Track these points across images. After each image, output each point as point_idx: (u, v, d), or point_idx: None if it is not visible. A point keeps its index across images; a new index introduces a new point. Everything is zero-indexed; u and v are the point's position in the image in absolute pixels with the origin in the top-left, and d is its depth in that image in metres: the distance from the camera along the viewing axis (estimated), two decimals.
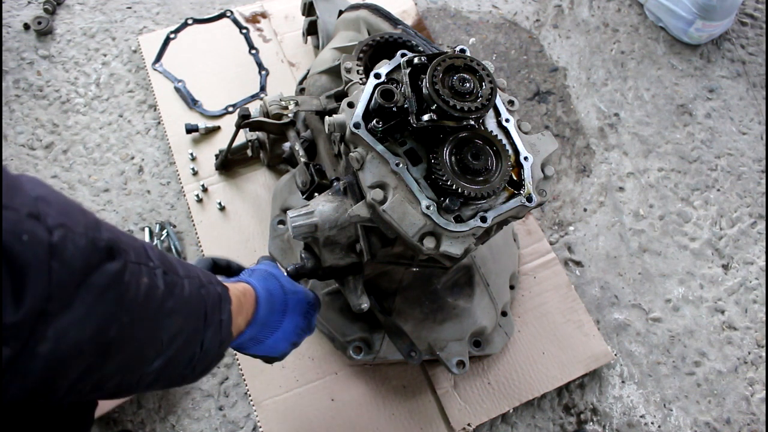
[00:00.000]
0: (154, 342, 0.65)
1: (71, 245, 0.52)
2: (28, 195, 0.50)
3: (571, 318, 1.49)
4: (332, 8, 1.58)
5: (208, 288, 0.76)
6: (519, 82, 1.92)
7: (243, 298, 0.89)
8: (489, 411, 1.36)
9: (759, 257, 1.69)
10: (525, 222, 1.60)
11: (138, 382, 0.67)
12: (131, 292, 0.59)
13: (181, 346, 0.69)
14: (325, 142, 1.32)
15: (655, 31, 2.06)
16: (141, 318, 0.62)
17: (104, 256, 0.56)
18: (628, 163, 1.80)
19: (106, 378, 0.61)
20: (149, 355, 0.66)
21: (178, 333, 0.68)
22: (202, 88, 1.72)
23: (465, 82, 0.95)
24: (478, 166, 0.94)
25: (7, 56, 1.79)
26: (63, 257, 0.51)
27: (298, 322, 1.01)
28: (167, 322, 0.66)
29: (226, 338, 0.81)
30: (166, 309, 0.66)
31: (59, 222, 0.51)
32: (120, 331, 0.58)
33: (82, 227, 0.54)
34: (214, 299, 0.78)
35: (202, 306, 0.74)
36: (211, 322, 0.76)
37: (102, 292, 0.55)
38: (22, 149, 1.66)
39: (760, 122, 1.92)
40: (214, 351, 0.78)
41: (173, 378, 0.75)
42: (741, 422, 1.48)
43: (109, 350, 0.58)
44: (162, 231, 1.54)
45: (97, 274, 0.55)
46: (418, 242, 0.94)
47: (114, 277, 0.56)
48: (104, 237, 0.57)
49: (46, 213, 0.51)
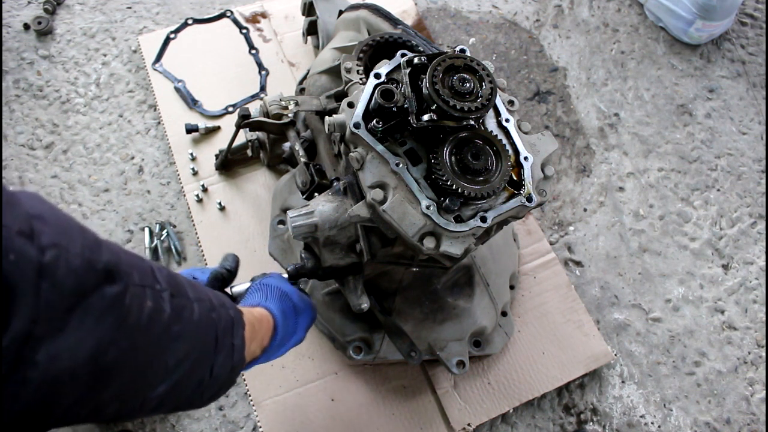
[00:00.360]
0: (158, 367, 0.63)
1: (64, 266, 0.50)
2: (23, 212, 0.49)
3: (571, 318, 1.49)
4: (332, 8, 1.58)
5: (219, 311, 0.74)
6: (519, 82, 1.92)
7: (258, 325, 0.87)
8: (489, 411, 1.36)
9: (759, 257, 1.69)
10: (525, 222, 1.60)
11: (141, 406, 0.64)
12: (132, 316, 0.57)
13: (189, 371, 0.67)
14: (325, 142, 1.32)
15: (655, 31, 2.06)
16: (143, 343, 0.59)
17: (102, 278, 0.54)
18: (628, 163, 1.80)
19: (104, 404, 0.59)
20: (152, 380, 0.63)
21: (185, 358, 0.65)
22: (202, 88, 1.72)
23: (465, 82, 0.95)
24: (478, 166, 0.94)
25: (7, 56, 1.79)
26: (54, 278, 0.49)
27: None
28: (173, 347, 0.64)
29: (238, 363, 0.78)
30: (173, 333, 0.63)
31: (53, 241, 0.49)
32: (118, 356, 0.56)
33: (78, 248, 0.52)
34: (226, 323, 0.75)
35: (213, 330, 0.71)
36: (222, 347, 0.73)
37: (99, 315, 0.53)
38: (22, 149, 1.66)
39: (760, 122, 1.92)
40: (225, 376, 0.75)
41: (179, 403, 0.72)
42: (741, 422, 1.48)
43: (107, 375, 0.56)
44: (162, 231, 1.54)
45: (95, 297, 0.53)
46: (418, 242, 0.94)
47: (112, 300, 0.54)
48: (103, 259, 0.55)
49: (41, 231, 0.49)
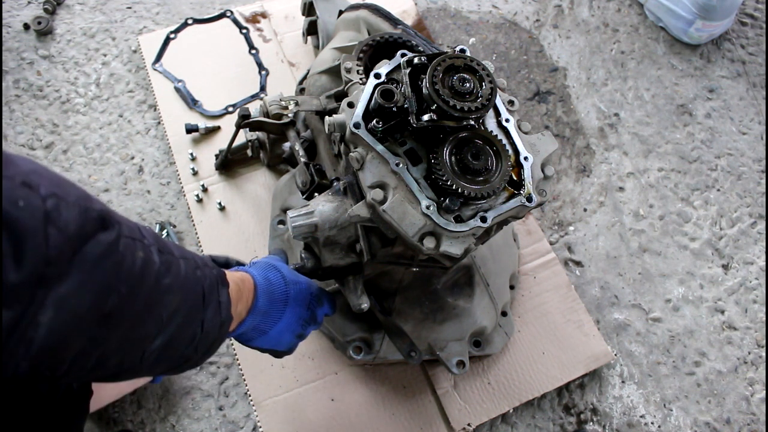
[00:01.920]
0: (154, 318, 0.66)
1: (65, 212, 0.53)
2: (20, 167, 0.52)
3: (571, 318, 1.49)
4: (332, 8, 1.58)
5: (203, 270, 0.77)
6: (519, 82, 1.92)
7: (241, 284, 0.89)
8: (489, 411, 1.36)
9: (759, 257, 1.69)
10: (525, 222, 1.60)
11: (141, 360, 0.67)
12: (127, 263, 0.60)
13: (182, 324, 0.69)
14: (325, 142, 1.32)
15: (655, 31, 2.06)
16: (139, 290, 0.62)
17: (98, 225, 0.57)
18: (628, 163, 1.80)
19: (108, 353, 0.61)
20: (150, 331, 0.66)
21: (177, 310, 0.68)
22: (202, 88, 1.72)
23: (465, 82, 0.95)
24: (478, 166, 0.94)
25: (7, 56, 1.79)
26: (58, 224, 0.52)
27: (300, 313, 1.01)
28: (166, 299, 0.67)
29: (226, 319, 0.81)
30: (164, 285, 0.66)
31: (51, 191, 0.52)
32: (119, 302, 0.58)
33: (73, 197, 0.55)
34: (212, 281, 0.78)
35: (200, 286, 0.74)
36: (210, 302, 0.76)
37: (98, 260, 0.56)
38: (22, 149, 1.66)
39: (760, 122, 1.92)
40: (215, 331, 0.78)
41: (176, 359, 0.75)
42: (741, 422, 1.48)
43: (110, 321, 0.59)
44: (162, 231, 1.54)
45: (92, 242, 0.55)
46: (418, 242, 0.94)
47: (108, 246, 0.57)
48: (96, 207, 0.58)
49: (39, 183, 0.52)
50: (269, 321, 0.95)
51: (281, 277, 0.99)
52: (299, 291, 1.01)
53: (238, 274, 0.91)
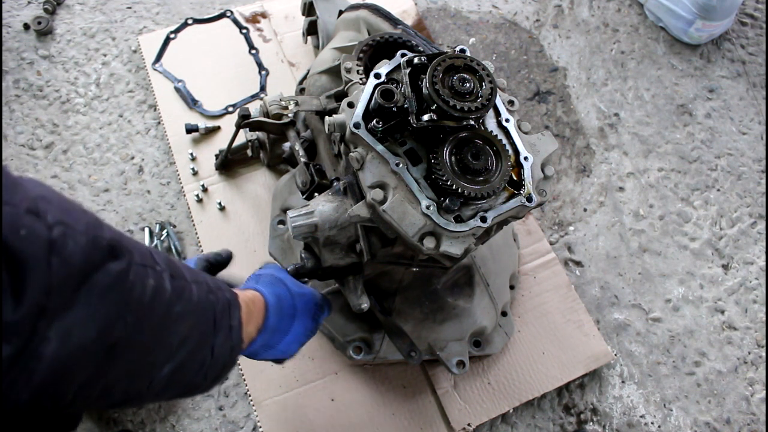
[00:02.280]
0: (163, 346, 0.64)
1: (71, 242, 0.51)
2: (28, 193, 0.50)
3: (571, 318, 1.49)
4: (332, 8, 1.58)
5: (216, 294, 0.75)
6: (519, 82, 1.92)
7: (252, 306, 0.88)
8: (489, 411, 1.36)
9: (759, 257, 1.69)
10: (525, 222, 1.60)
11: (148, 389, 0.65)
12: (136, 293, 0.58)
13: (191, 352, 0.68)
14: (325, 142, 1.32)
15: (655, 31, 2.06)
16: (148, 320, 0.61)
17: (106, 255, 0.55)
18: (628, 163, 1.80)
19: (113, 383, 0.60)
20: (158, 360, 0.64)
21: (187, 337, 0.67)
22: (202, 88, 1.72)
23: (465, 82, 0.95)
24: (478, 166, 0.94)
25: (7, 56, 1.79)
26: (63, 254, 0.50)
27: (307, 325, 1.02)
28: (176, 326, 0.65)
29: (237, 344, 0.80)
30: (175, 313, 0.64)
31: (59, 219, 0.51)
32: (126, 332, 0.57)
33: (83, 225, 0.54)
34: (223, 305, 0.77)
35: (211, 311, 0.73)
36: (221, 328, 0.74)
37: (105, 291, 0.54)
38: (22, 149, 1.66)
39: (760, 122, 1.92)
40: (225, 357, 0.77)
41: (184, 386, 0.73)
42: (741, 422, 1.48)
43: (116, 352, 0.57)
44: (162, 231, 1.54)
45: (101, 273, 0.54)
46: (418, 242, 0.94)
47: (117, 276, 0.56)
48: (106, 236, 0.56)
49: (46, 210, 0.50)
50: (278, 336, 0.95)
51: (288, 292, 0.99)
52: (305, 303, 1.02)
53: (249, 294, 0.90)
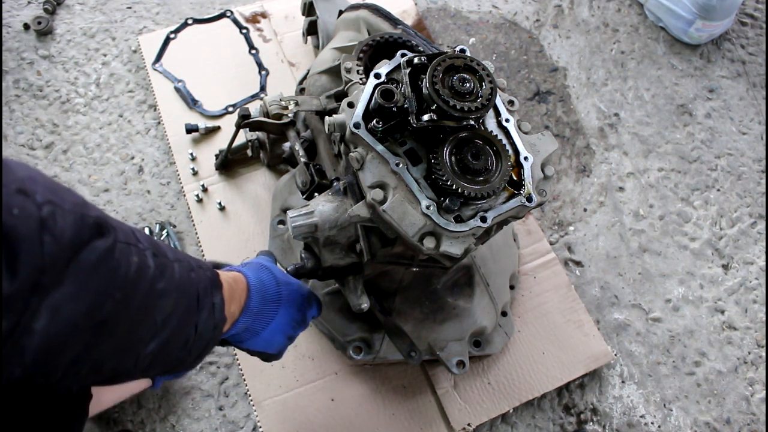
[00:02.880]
0: (149, 322, 0.66)
1: (61, 220, 0.53)
2: (16, 174, 0.51)
3: (571, 318, 1.49)
4: (332, 8, 1.58)
5: (198, 272, 0.77)
6: (519, 82, 1.92)
7: (234, 285, 0.89)
8: (489, 411, 1.36)
9: (759, 257, 1.69)
10: (525, 222, 1.60)
11: (135, 365, 0.67)
12: (122, 269, 0.60)
13: (176, 328, 0.70)
14: (325, 142, 1.32)
15: (655, 31, 2.06)
16: (134, 296, 0.62)
17: (93, 232, 0.57)
18: (628, 163, 1.80)
19: (103, 359, 0.61)
20: (144, 336, 0.66)
21: (171, 314, 0.68)
22: (202, 88, 1.72)
23: (465, 82, 0.95)
24: (478, 166, 0.94)
25: (7, 56, 1.79)
26: (53, 231, 0.51)
27: (293, 314, 1.01)
28: (160, 303, 0.67)
29: (220, 322, 0.82)
30: (158, 289, 0.66)
31: (47, 198, 0.52)
32: (114, 308, 0.59)
33: (70, 204, 0.55)
34: (205, 283, 0.78)
35: (194, 288, 0.74)
36: (204, 305, 0.76)
37: (93, 267, 0.56)
38: (22, 149, 1.66)
39: (760, 122, 1.92)
40: (209, 334, 0.79)
41: (170, 362, 0.75)
42: (741, 422, 1.48)
43: (104, 328, 0.59)
44: (162, 231, 1.54)
45: (88, 249, 0.55)
46: (418, 242, 0.94)
47: (104, 253, 0.57)
48: (92, 214, 0.58)
49: (34, 190, 0.52)
50: (262, 321, 0.95)
51: (273, 278, 1.00)
52: (291, 292, 1.02)
53: (231, 274, 0.91)
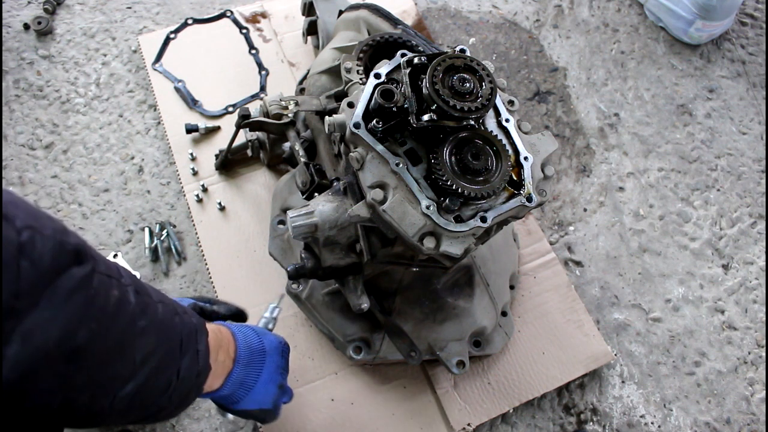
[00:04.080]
0: (127, 360, 0.64)
1: (40, 245, 0.52)
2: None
3: (571, 318, 1.49)
4: (332, 8, 1.58)
5: (182, 317, 0.75)
6: (519, 82, 1.92)
7: (219, 335, 0.89)
8: (489, 411, 1.36)
9: (759, 257, 1.69)
10: (525, 222, 1.60)
11: (111, 406, 0.64)
12: (100, 300, 0.59)
13: (155, 370, 0.67)
14: (325, 142, 1.32)
15: (655, 31, 2.06)
16: (111, 329, 0.60)
17: (72, 259, 0.56)
18: (628, 163, 1.80)
19: (76, 394, 0.59)
20: (121, 373, 0.64)
21: (151, 353, 0.66)
22: (202, 88, 1.72)
23: (465, 82, 0.95)
24: (478, 166, 0.94)
25: (7, 56, 1.79)
26: (31, 256, 0.51)
27: (278, 361, 1.03)
28: (140, 341, 0.65)
29: (204, 369, 0.80)
30: (138, 327, 0.64)
31: (27, 224, 0.52)
32: (89, 338, 0.57)
33: (50, 230, 0.54)
34: (190, 328, 0.76)
35: (177, 332, 0.72)
36: (187, 350, 0.74)
37: (69, 294, 0.55)
38: (22, 149, 1.66)
39: (760, 122, 1.92)
40: (191, 381, 0.76)
41: (149, 407, 0.72)
42: (741, 422, 1.48)
43: (78, 358, 0.57)
44: (162, 231, 1.54)
45: (65, 276, 0.55)
46: (418, 242, 0.94)
47: (81, 281, 0.56)
48: (72, 242, 0.57)
49: (15, 215, 0.51)
50: (253, 372, 0.95)
51: (251, 329, 1.01)
52: (270, 341, 1.03)
53: (214, 326, 0.91)
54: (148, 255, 1.51)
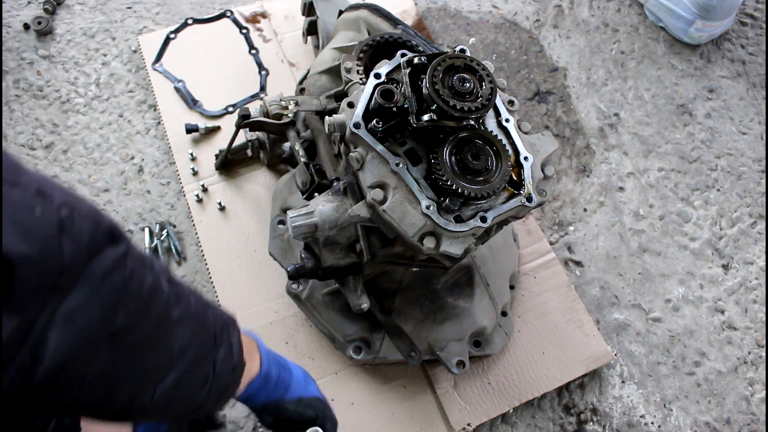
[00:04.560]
0: (164, 349, 0.62)
1: (78, 223, 0.51)
2: (32, 176, 0.51)
3: (571, 318, 1.49)
4: (332, 8, 1.58)
5: (214, 311, 0.74)
6: (519, 82, 1.92)
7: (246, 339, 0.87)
8: (489, 411, 1.36)
9: (759, 257, 1.69)
10: (525, 222, 1.60)
11: (152, 399, 0.63)
12: (135, 282, 0.57)
13: (193, 363, 0.66)
14: (325, 142, 1.32)
15: (655, 31, 2.06)
16: (148, 313, 0.59)
17: (107, 238, 0.55)
18: (628, 163, 1.80)
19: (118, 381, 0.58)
20: (160, 363, 0.62)
21: (188, 344, 0.65)
22: (202, 88, 1.72)
23: (465, 82, 0.95)
24: (478, 166, 0.94)
25: (7, 56, 1.79)
26: (72, 233, 0.50)
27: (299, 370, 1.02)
28: (176, 331, 0.63)
29: (239, 364, 0.78)
30: (174, 316, 0.63)
31: (64, 200, 0.51)
32: (127, 319, 0.56)
33: (85, 209, 0.54)
34: (223, 321, 0.75)
35: (210, 324, 0.71)
36: (221, 343, 0.73)
37: (106, 273, 0.53)
38: (22, 149, 1.66)
39: (760, 122, 1.92)
40: (228, 375, 0.75)
41: (190, 402, 0.71)
42: (741, 422, 1.48)
43: (118, 341, 0.55)
44: (162, 231, 1.54)
45: (101, 256, 0.53)
46: (418, 242, 0.94)
47: (116, 261, 0.55)
48: (106, 221, 0.56)
49: (52, 192, 0.50)
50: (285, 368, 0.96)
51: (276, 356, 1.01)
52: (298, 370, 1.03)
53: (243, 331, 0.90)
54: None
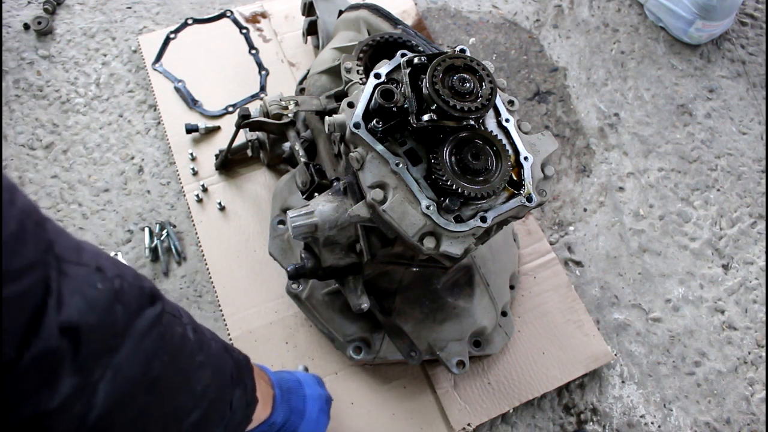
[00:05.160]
0: (190, 391, 0.71)
1: (128, 291, 0.61)
2: (90, 253, 0.59)
3: (571, 318, 1.49)
4: (332, 8, 1.58)
5: (232, 353, 0.84)
6: (519, 82, 1.92)
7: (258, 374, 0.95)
8: (489, 411, 1.36)
9: (759, 257, 1.69)
10: (525, 222, 1.60)
11: None
12: (168, 336, 0.66)
13: (213, 402, 0.75)
14: (325, 142, 1.32)
15: (655, 31, 2.06)
16: (178, 361, 0.68)
17: (148, 300, 0.64)
18: (628, 163, 1.80)
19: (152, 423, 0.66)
20: (187, 403, 0.71)
21: (209, 386, 0.74)
22: (202, 88, 1.72)
23: (465, 82, 0.95)
24: (478, 166, 0.94)
25: (7, 56, 1.79)
26: (122, 301, 0.59)
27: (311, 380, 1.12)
28: (199, 374, 0.72)
29: (252, 401, 0.87)
30: (197, 362, 0.72)
31: (116, 273, 0.60)
32: (162, 369, 0.64)
33: (131, 277, 0.63)
34: (239, 363, 0.85)
35: (228, 367, 0.80)
36: (237, 383, 0.82)
37: (146, 330, 0.62)
38: (22, 149, 1.66)
39: (760, 122, 1.92)
40: (242, 412, 0.84)
41: None
42: (741, 422, 1.48)
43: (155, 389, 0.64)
44: (162, 231, 1.54)
45: (143, 316, 0.63)
46: (418, 242, 0.94)
47: (155, 319, 0.64)
48: (147, 285, 0.66)
49: (106, 266, 0.60)
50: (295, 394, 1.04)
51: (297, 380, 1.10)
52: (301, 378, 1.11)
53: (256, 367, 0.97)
54: (148, 255, 1.51)
